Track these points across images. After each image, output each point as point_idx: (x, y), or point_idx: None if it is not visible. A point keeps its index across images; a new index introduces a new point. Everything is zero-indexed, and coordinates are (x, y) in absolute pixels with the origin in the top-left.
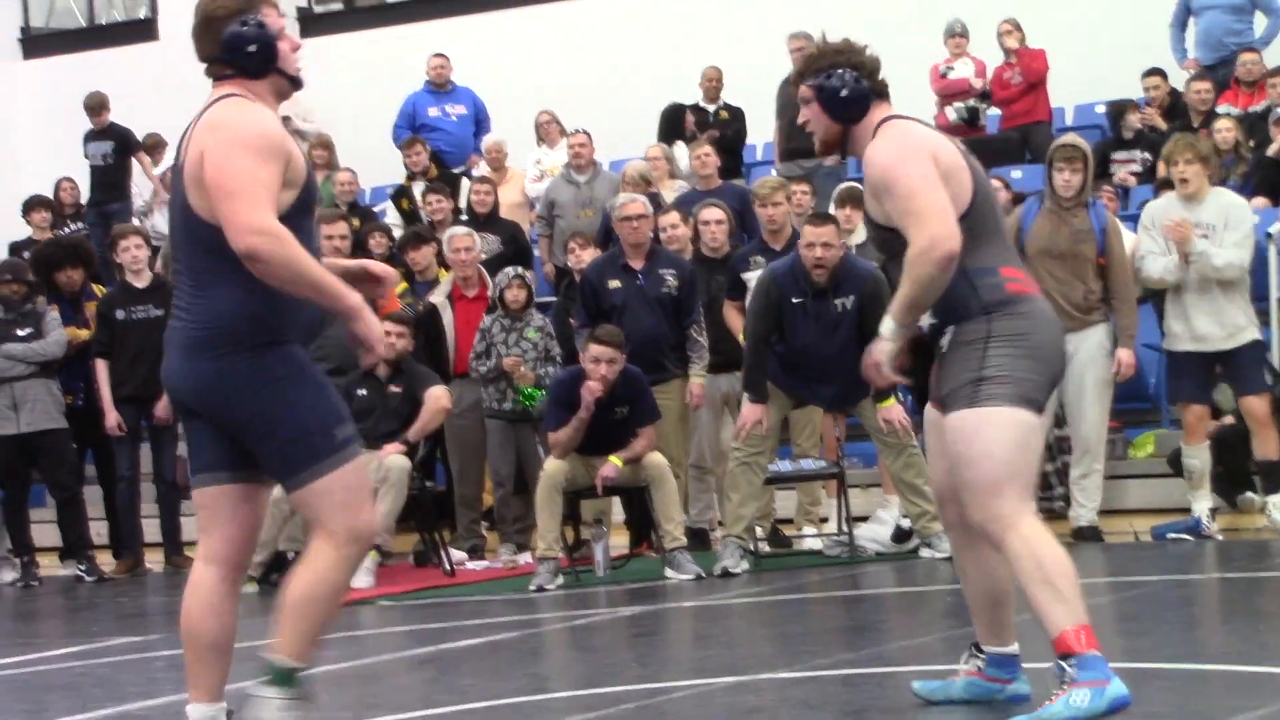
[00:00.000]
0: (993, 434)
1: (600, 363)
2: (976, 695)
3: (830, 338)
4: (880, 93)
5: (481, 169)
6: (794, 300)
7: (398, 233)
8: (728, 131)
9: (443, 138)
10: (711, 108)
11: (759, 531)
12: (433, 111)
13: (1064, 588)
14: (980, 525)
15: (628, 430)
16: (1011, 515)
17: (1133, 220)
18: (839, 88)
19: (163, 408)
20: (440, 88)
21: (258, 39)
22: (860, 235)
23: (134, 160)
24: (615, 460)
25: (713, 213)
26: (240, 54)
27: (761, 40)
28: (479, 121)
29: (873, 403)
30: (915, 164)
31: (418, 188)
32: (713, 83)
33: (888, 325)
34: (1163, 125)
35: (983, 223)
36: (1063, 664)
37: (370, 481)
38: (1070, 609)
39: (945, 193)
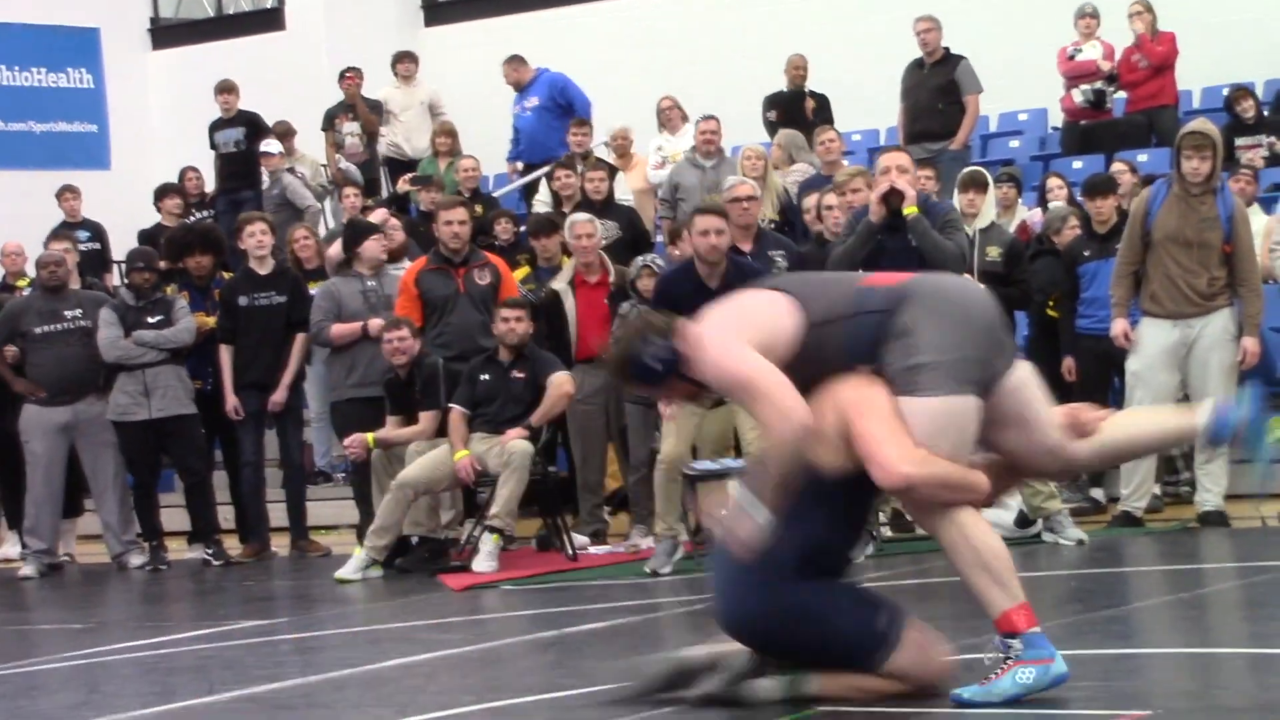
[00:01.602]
0: (923, 426)
1: (709, 234)
2: None
3: None
4: (673, 331)
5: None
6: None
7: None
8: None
9: (524, 137)
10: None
11: (881, 516)
12: (515, 110)
13: (1000, 570)
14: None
15: None
16: (953, 515)
17: (1264, 203)
18: (652, 367)
19: (278, 394)
20: (517, 88)
21: None
22: (985, 219)
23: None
24: None
25: (827, 198)
26: None
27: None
28: (563, 106)
29: None
30: (735, 361)
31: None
32: (799, 70)
33: (764, 514)
34: None
35: (823, 297)
36: (1007, 641)
37: None
38: (1008, 590)
39: (770, 365)
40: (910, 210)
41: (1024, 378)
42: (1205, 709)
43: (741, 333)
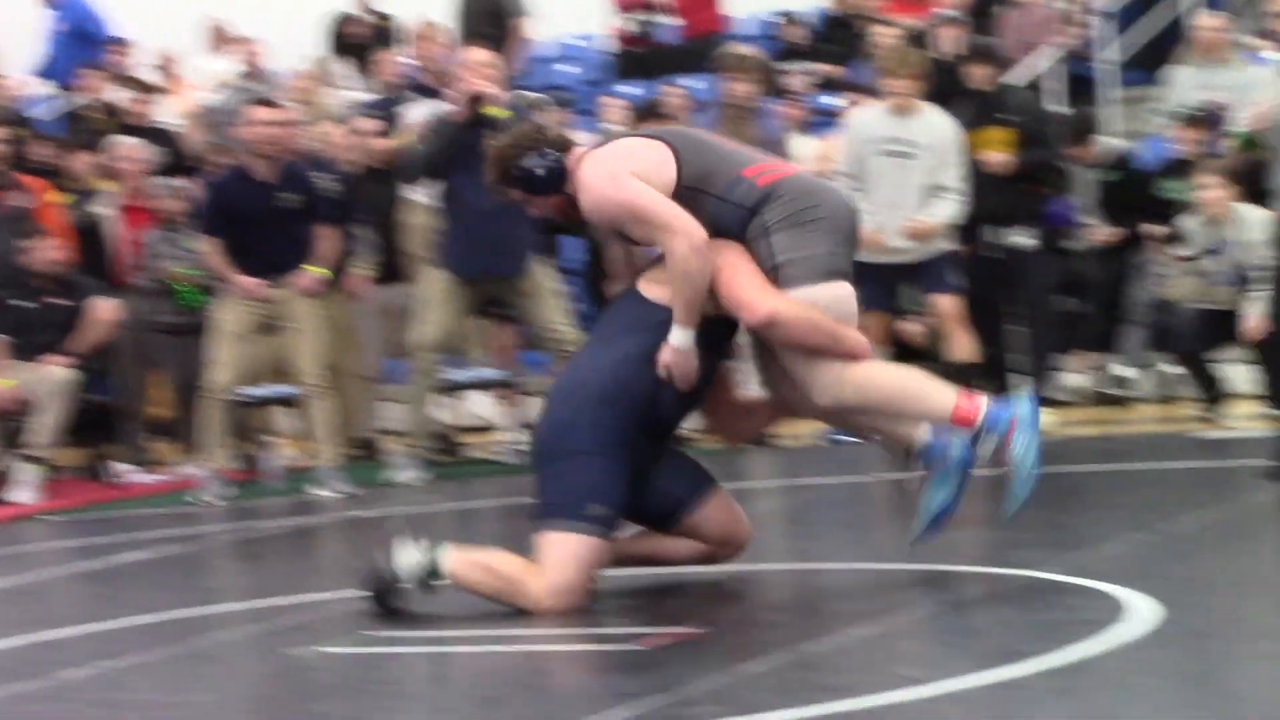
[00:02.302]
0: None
1: (264, 125)
2: (944, 486)
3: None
4: (566, 146)
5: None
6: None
7: None
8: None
9: (59, 56)
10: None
11: (433, 440)
12: (48, 28)
13: (919, 384)
14: (826, 405)
15: (304, 230)
16: (839, 372)
17: (812, 128)
18: (536, 173)
19: None
20: (51, 5)
21: None
22: None
23: None
24: (313, 269)
25: (370, 124)
26: None
27: None
28: (91, 27)
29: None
30: (627, 190)
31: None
32: None
33: (680, 335)
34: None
35: (700, 163)
36: (980, 434)
37: None
38: (939, 392)
39: (659, 193)
40: (499, 112)
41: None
42: (753, 624)
43: (627, 167)
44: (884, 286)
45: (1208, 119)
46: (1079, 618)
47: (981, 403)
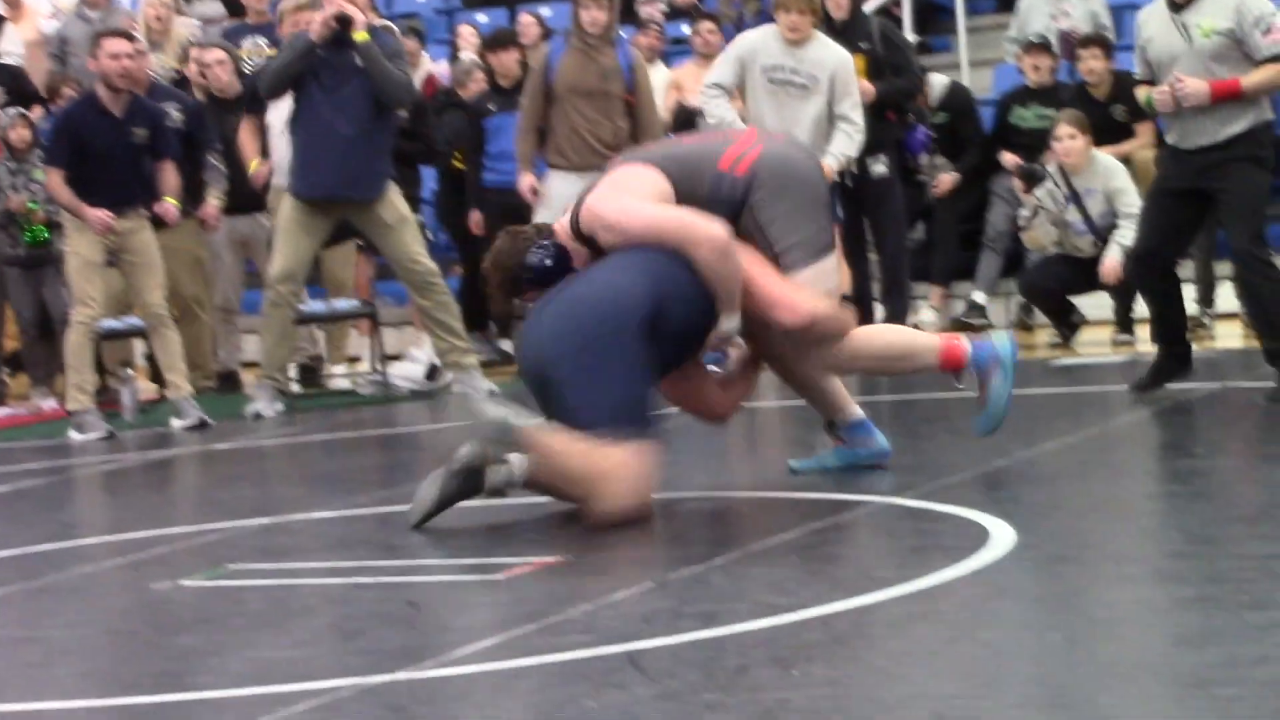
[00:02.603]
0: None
1: (119, 57)
2: (847, 460)
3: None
4: (546, 229)
5: None
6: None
7: None
8: None
9: None
10: None
11: (291, 372)
12: None
13: (904, 340)
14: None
15: (151, 164)
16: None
17: (666, 57)
18: (546, 264)
19: None
20: None
21: None
22: None
23: None
24: (170, 201)
25: (215, 54)
26: None
27: None
28: None
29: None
30: (641, 216)
31: None
32: None
33: (728, 322)
34: None
35: (680, 171)
36: (969, 371)
37: None
38: (924, 339)
39: (665, 205)
40: (361, 36)
41: None
42: (616, 553)
43: (632, 195)
44: None
45: (1060, 44)
46: (939, 543)
47: (966, 345)
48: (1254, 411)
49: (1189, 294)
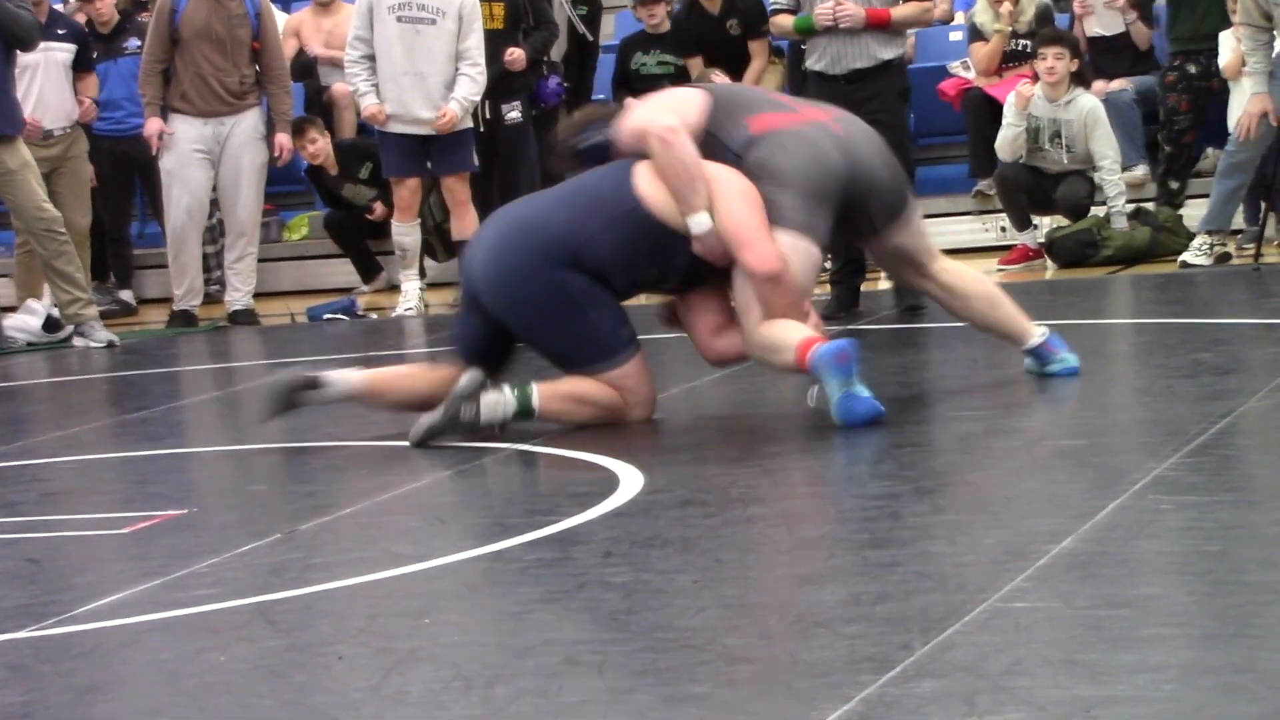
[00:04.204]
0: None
1: None
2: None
3: None
4: (611, 116)
5: None
6: None
7: None
8: None
9: None
10: None
11: None
12: None
13: (778, 330)
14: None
15: None
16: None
17: (290, 3)
18: (590, 148)
19: None
20: None
21: None
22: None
23: None
24: None
25: None
26: None
27: None
28: None
29: None
30: (630, 116)
31: None
32: None
33: (695, 223)
34: None
35: (724, 112)
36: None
37: None
38: (795, 333)
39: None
40: None
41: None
42: (241, 506)
43: (654, 104)
44: (413, 156)
45: None
46: (569, 489)
47: (815, 348)
48: (871, 354)
49: None
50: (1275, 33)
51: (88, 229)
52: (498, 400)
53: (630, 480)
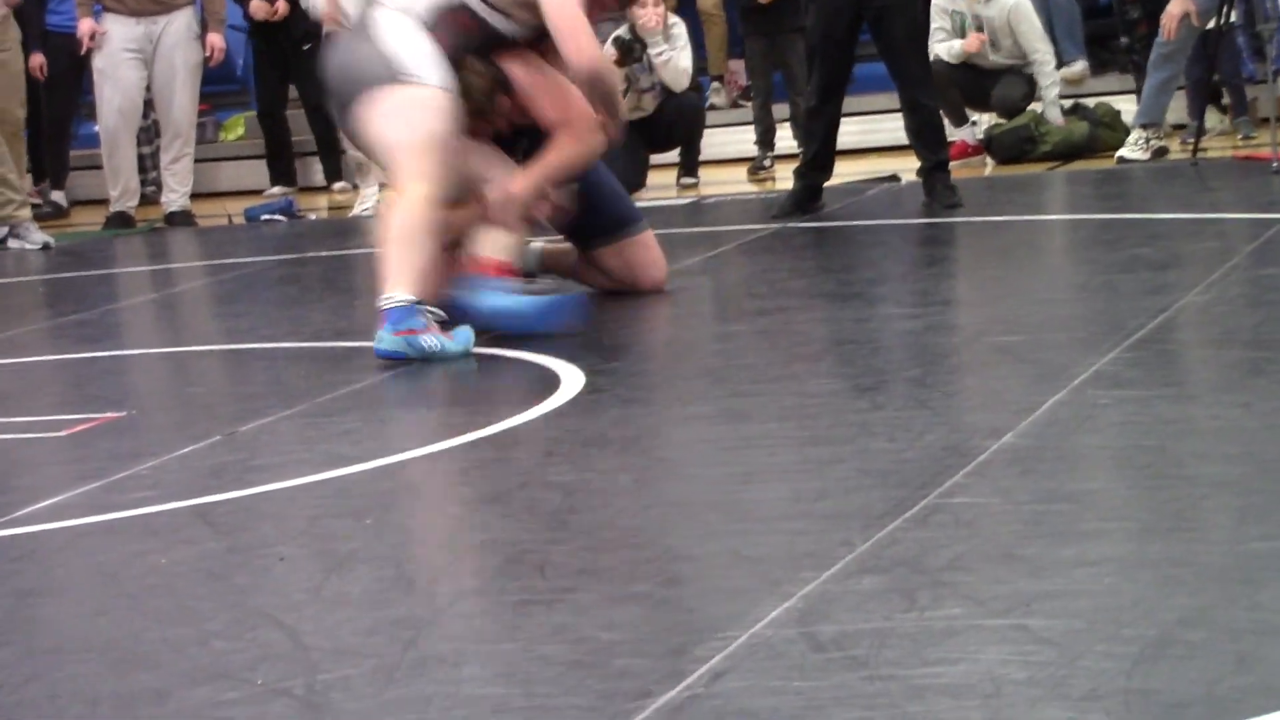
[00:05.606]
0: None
1: None
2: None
3: None
4: None
5: None
6: None
7: None
8: None
9: None
10: None
11: None
12: None
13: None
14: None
15: None
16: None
17: None
18: None
19: None
20: None
21: None
22: None
23: None
24: None
25: None
26: None
27: None
28: None
29: None
30: None
31: None
32: None
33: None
34: None
35: None
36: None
37: None
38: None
39: None
40: None
41: None
42: (181, 407)
43: None
44: None
45: None
46: (510, 388)
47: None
48: (813, 251)
49: (750, 137)
50: None
51: (22, 120)
52: None
53: (571, 380)
